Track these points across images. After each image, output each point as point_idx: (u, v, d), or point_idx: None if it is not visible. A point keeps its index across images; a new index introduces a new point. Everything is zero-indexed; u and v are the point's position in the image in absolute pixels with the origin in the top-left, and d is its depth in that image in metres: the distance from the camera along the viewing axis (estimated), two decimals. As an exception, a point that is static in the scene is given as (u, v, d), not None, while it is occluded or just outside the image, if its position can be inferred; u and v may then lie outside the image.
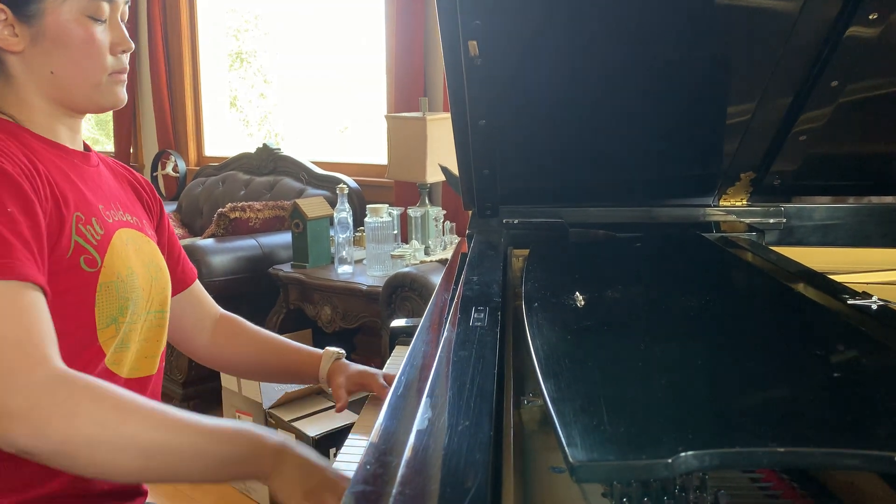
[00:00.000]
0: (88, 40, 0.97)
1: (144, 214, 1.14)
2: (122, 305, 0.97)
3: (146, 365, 1.06)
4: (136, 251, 1.03)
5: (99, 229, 0.96)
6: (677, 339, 0.67)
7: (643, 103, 1.22)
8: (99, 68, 0.99)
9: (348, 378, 1.17)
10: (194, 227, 3.81)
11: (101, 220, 0.98)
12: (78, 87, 0.98)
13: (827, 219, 1.34)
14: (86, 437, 0.75)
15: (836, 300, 0.76)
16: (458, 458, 0.47)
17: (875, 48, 1.05)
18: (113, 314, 0.96)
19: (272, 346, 1.25)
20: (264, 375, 1.32)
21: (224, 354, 1.24)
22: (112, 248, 0.97)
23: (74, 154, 1.02)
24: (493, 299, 0.85)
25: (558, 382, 0.55)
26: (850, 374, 0.57)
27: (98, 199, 1.01)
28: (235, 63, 4.51)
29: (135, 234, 1.05)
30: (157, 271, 1.07)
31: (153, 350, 1.07)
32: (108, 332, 0.96)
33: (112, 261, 0.96)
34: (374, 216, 2.61)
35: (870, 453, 0.41)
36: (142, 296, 1.01)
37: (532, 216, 1.33)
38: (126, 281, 0.98)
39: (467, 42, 1.02)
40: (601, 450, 0.43)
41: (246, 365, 1.27)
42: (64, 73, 0.97)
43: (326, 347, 1.23)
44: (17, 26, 0.94)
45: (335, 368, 1.20)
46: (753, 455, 0.43)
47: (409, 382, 0.64)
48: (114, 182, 1.10)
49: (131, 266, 1.00)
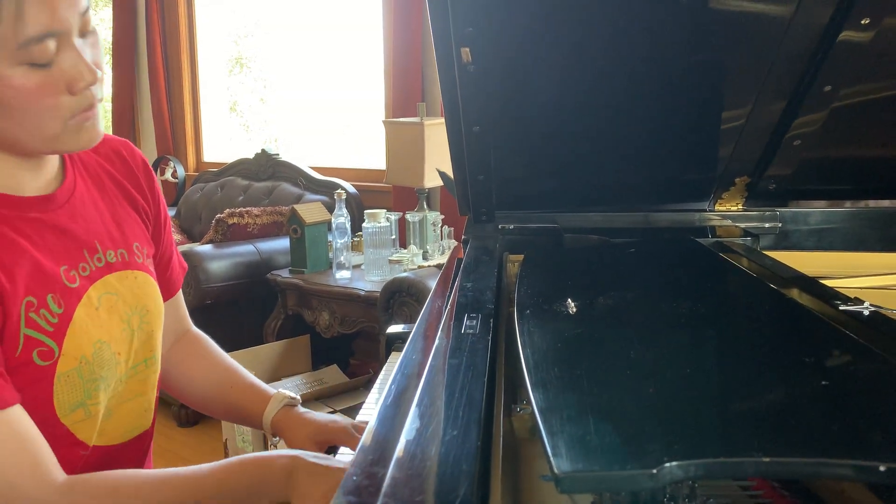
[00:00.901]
0: (32, 93, 0.76)
1: (139, 230, 1.00)
2: (88, 389, 0.87)
3: (141, 421, 0.99)
4: (112, 308, 0.91)
5: (56, 308, 0.84)
6: (668, 346, 0.67)
7: (637, 108, 1.22)
8: (53, 120, 0.79)
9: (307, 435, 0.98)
10: (193, 233, 3.82)
11: (60, 291, 0.85)
12: (30, 143, 0.81)
13: (822, 223, 1.34)
14: None
15: (828, 306, 0.76)
16: (444, 468, 0.47)
17: (867, 53, 1.05)
18: (78, 400, 0.87)
19: (223, 376, 1.09)
20: (209, 408, 1.13)
21: (172, 374, 1.10)
22: (73, 328, 0.85)
23: (32, 204, 0.85)
24: (486, 306, 0.85)
25: (547, 391, 0.55)
26: (839, 382, 0.57)
27: (61, 259, 0.86)
28: (235, 68, 4.52)
29: (115, 279, 0.93)
30: (143, 317, 0.95)
31: (146, 404, 0.99)
32: (75, 416, 0.87)
33: (73, 344, 0.85)
34: (371, 221, 2.62)
35: (855, 463, 0.41)
36: (118, 361, 0.91)
37: (528, 221, 1.33)
38: (93, 361, 0.87)
39: (460, 49, 1.02)
40: (586, 460, 0.43)
41: (191, 392, 1.11)
42: (10, 133, 0.80)
43: (278, 390, 1.06)
44: None
45: (285, 419, 1.02)
46: (738, 465, 0.42)
47: (400, 391, 0.64)
48: (97, 207, 0.94)
49: (101, 338, 0.88)
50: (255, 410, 1.04)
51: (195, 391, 1.12)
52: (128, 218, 0.98)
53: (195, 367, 1.11)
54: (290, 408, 1.03)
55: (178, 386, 1.12)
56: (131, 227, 0.98)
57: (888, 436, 0.46)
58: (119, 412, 0.94)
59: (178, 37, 4.30)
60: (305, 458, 0.81)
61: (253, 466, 0.82)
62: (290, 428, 1.01)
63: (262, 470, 0.81)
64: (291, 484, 0.80)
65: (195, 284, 2.75)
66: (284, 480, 0.80)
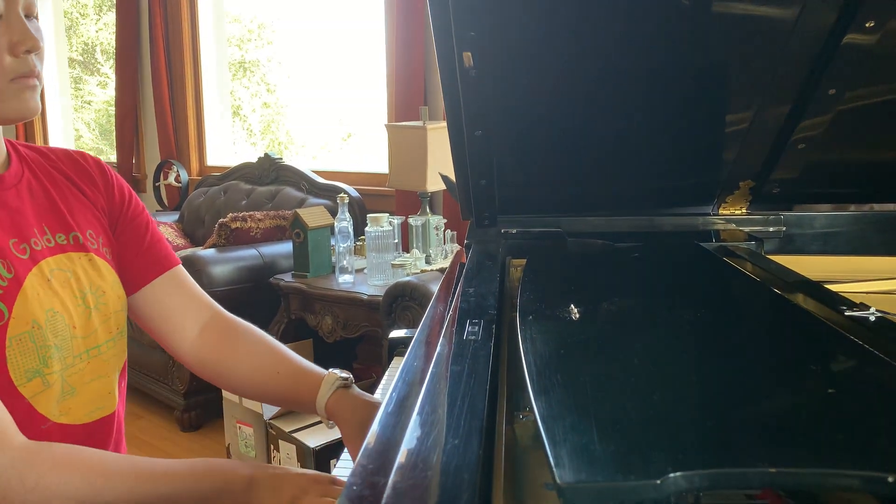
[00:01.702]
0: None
1: (94, 221, 1.02)
2: (43, 356, 0.89)
3: (105, 403, 0.99)
4: (65, 282, 0.93)
5: (6, 273, 0.87)
6: (672, 353, 0.66)
7: (641, 112, 1.22)
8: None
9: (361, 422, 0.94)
10: (196, 237, 3.82)
11: (8, 259, 0.88)
12: None
13: (827, 227, 1.33)
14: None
15: (833, 311, 0.75)
16: (446, 478, 0.46)
17: (872, 56, 1.04)
18: (34, 367, 0.88)
19: (266, 360, 1.05)
20: (258, 396, 1.11)
21: (210, 362, 1.07)
22: (24, 293, 0.87)
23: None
24: (489, 312, 0.84)
25: (549, 399, 0.54)
26: (846, 390, 0.56)
27: (10, 233, 0.90)
28: (238, 72, 4.52)
29: (68, 258, 0.95)
30: (98, 297, 0.97)
31: (109, 386, 0.99)
32: (33, 387, 0.88)
33: (24, 308, 0.87)
34: (374, 225, 2.61)
35: (862, 474, 0.41)
36: (74, 335, 0.93)
37: (531, 225, 1.32)
38: (45, 328, 0.88)
39: (461, 53, 1.02)
40: (589, 470, 0.43)
41: (233, 380, 1.08)
42: None
43: (330, 370, 1.02)
44: None
45: (339, 402, 0.98)
46: (744, 476, 0.42)
47: (401, 399, 0.63)
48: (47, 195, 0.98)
49: (54, 307, 0.90)
50: (307, 396, 1.00)
51: (237, 379, 1.08)
52: (81, 208, 1.00)
53: (233, 353, 1.07)
54: (344, 389, 0.99)
55: (219, 375, 1.08)
56: (84, 216, 1.00)
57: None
58: (83, 392, 0.95)
59: (182, 41, 4.30)
60: (266, 471, 0.85)
61: (216, 470, 0.85)
62: (345, 411, 0.97)
63: (225, 475, 0.84)
64: (253, 492, 0.83)
65: (198, 289, 2.74)
66: (244, 490, 0.84)
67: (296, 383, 1.03)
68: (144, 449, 2.83)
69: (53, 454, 0.80)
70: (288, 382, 1.04)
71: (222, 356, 1.07)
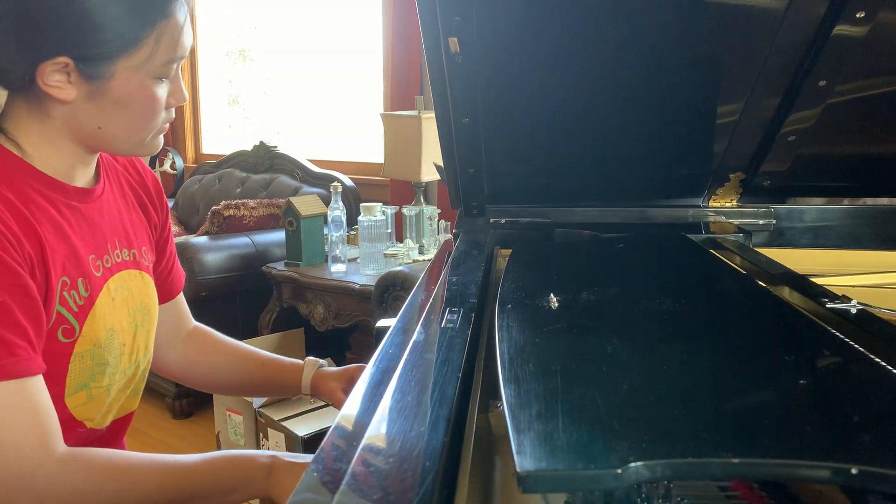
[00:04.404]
0: (150, 105, 0.89)
1: (146, 237, 1.07)
2: (94, 372, 0.93)
3: (129, 404, 1.04)
4: (124, 301, 0.98)
5: (84, 291, 0.91)
6: (647, 343, 0.66)
7: (630, 102, 1.20)
8: (150, 127, 0.91)
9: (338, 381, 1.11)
10: (191, 225, 3.80)
11: (88, 277, 0.92)
12: (122, 143, 0.92)
13: (817, 220, 1.32)
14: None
15: (815, 303, 0.75)
16: (406, 464, 0.46)
17: (863, 47, 1.03)
18: (83, 381, 0.93)
19: (248, 358, 1.18)
20: (240, 389, 1.24)
21: (197, 368, 1.18)
22: (94, 313, 0.92)
23: (75, 193, 0.93)
24: (469, 300, 0.84)
25: (518, 387, 0.53)
26: (819, 381, 0.55)
27: (91, 247, 0.94)
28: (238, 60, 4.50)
29: (128, 276, 1.00)
30: (144, 316, 1.02)
31: (134, 393, 1.05)
32: (77, 399, 0.93)
33: (92, 327, 0.91)
34: (367, 215, 2.60)
35: (827, 465, 0.40)
36: (122, 352, 0.97)
37: (519, 216, 1.31)
38: (104, 346, 0.93)
39: (448, 39, 1.01)
40: (550, 459, 0.42)
41: (221, 379, 1.20)
42: (112, 130, 0.89)
43: (307, 357, 1.17)
44: (73, 76, 0.85)
45: (319, 377, 1.14)
46: (707, 466, 0.41)
47: (372, 386, 0.62)
48: (118, 208, 1.02)
49: (113, 326, 0.95)
50: (291, 380, 1.14)
51: (222, 379, 1.20)
52: (139, 223, 1.06)
53: (216, 355, 1.18)
54: (320, 369, 1.14)
55: (206, 377, 1.19)
56: (140, 232, 1.06)
57: (863, 437, 0.44)
58: (115, 400, 1.00)
59: (178, 28, 4.27)
60: (283, 458, 0.89)
61: (238, 462, 0.89)
62: (324, 383, 1.12)
63: (246, 467, 0.88)
64: (272, 481, 0.87)
65: (190, 276, 2.73)
66: (265, 477, 0.88)
67: (278, 372, 1.17)
68: (136, 436, 2.83)
69: (88, 462, 0.84)
70: (271, 373, 1.17)
71: (208, 364, 1.18)
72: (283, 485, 0.86)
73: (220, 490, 0.87)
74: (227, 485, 0.87)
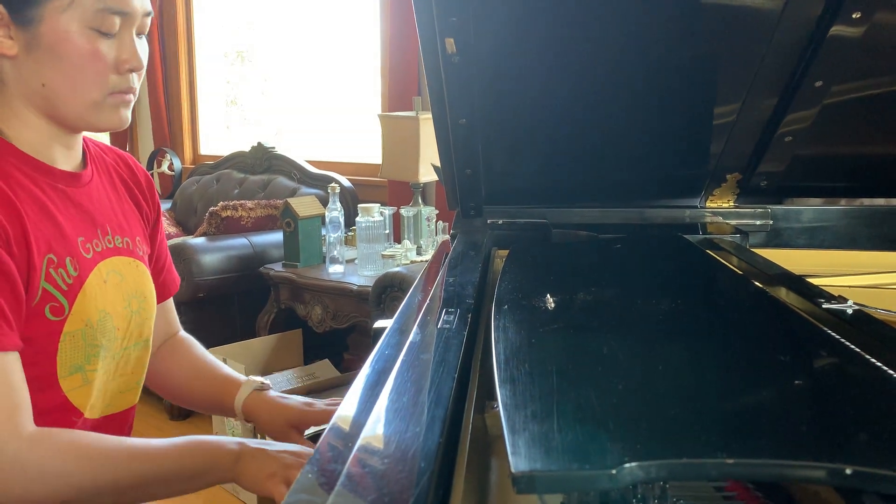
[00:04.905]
0: (88, 55, 0.87)
1: (140, 228, 1.06)
2: (89, 354, 0.93)
3: (125, 399, 1.03)
4: (117, 285, 0.97)
5: (72, 271, 0.90)
6: (643, 344, 0.66)
7: (627, 103, 1.21)
8: (97, 86, 0.89)
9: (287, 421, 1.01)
10: (188, 226, 3.80)
11: (77, 258, 0.91)
12: (70, 103, 0.90)
13: (814, 221, 1.32)
14: (64, 493, 0.81)
15: (811, 304, 0.75)
16: (402, 465, 0.46)
17: (859, 48, 1.03)
18: (77, 363, 0.92)
19: (201, 370, 1.13)
20: (190, 402, 1.18)
21: (158, 374, 1.14)
22: (84, 292, 0.91)
23: (61, 177, 0.94)
24: (466, 301, 0.83)
25: (514, 388, 0.53)
26: (815, 382, 0.55)
27: (79, 230, 0.94)
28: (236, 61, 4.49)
29: (120, 262, 0.99)
30: (140, 302, 1.01)
31: (132, 383, 1.04)
32: (72, 382, 0.92)
33: (82, 307, 0.91)
34: (365, 215, 2.60)
35: (821, 465, 0.40)
36: (116, 336, 0.97)
37: (517, 216, 1.31)
38: (96, 327, 0.93)
39: (444, 40, 1.01)
40: (545, 459, 0.42)
41: (172, 387, 1.16)
42: (55, 86, 0.89)
43: (249, 377, 1.09)
44: (12, 29, 0.87)
45: (258, 403, 1.05)
46: (701, 467, 0.41)
47: (368, 387, 0.62)
48: (108, 196, 1.02)
49: (105, 308, 0.94)
50: (229, 399, 1.08)
51: (175, 386, 1.17)
52: (132, 214, 1.06)
53: (177, 364, 1.16)
54: (262, 392, 1.07)
55: (161, 382, 1.16)
56: (133, 222, 1.05)
57: (858, 438, 0.44)
58: (108, 388, 0.99)
59: (176, 29, 4.28)
60: (250, 445, 0.89)
61: (206, 448, 0.89)
62: (266, 412, 1.04)
63: (214, 452, 0.88)
64: (239, 468, 0.88)
65: (188, 278, 2.73)
66: (232, 463, 0.88)
67: (217, 388, 1.11)
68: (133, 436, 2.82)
69: (55, 442, 0.83)
70: (216, 388, 1.11)
71: (166, 366, 1.15)
72: (250, 471, 0.87)
73: (187, 474, 0.87)
74: (195, 469, 0.88)
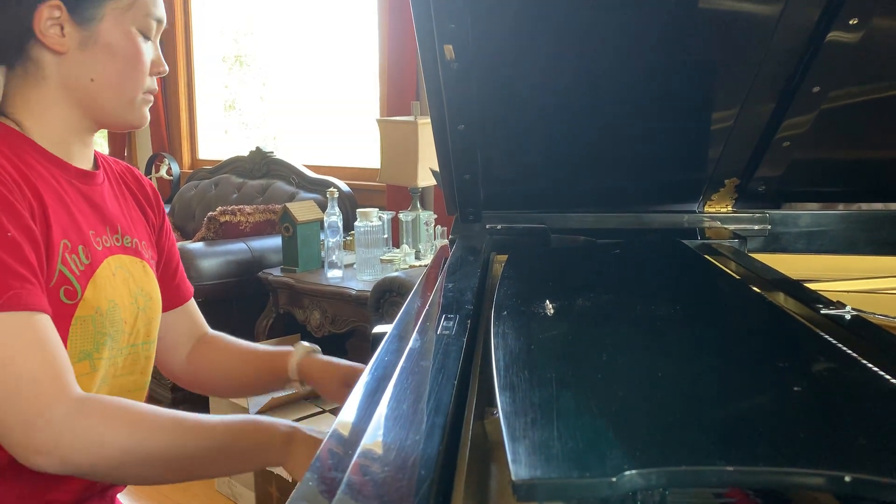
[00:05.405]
0: (136, 55, 0.95)
1: (146, 233, 1.10)
2: (98, 342, 0.94)
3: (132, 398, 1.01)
4: (125, 280, 1.00)
5: (84, 258, 0.93)
6: (643, 350, 0.66)
7: (625, 108, 1.21)
8: (138, 84, 0.96)
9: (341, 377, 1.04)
10: (187, 231, 3.80)
11: (88, 248, 0.94)
12: (112, 98, 0.95)
13: (812, 225, 1.33)
14: (111, 459, 0.81)
15: (809, 309, 0.75)
16: (402, 473, 0.46)
17: (856, 53, 1.04)
18: (87, 349, 0.93)
19: (245, 354, 1.17)
20: (240, 389, 1.23)
21: (199, 372, 1.17)
22: (95, 280, 0.94)
23: (75, 173, 0.98)
24: (465, 307, 0.83)
25: (514, 394, 0.54)
26: (814, 388, 0.55)
27: (91, 224, 0.97)
28: (234, 66, 4.50)
29: (128, 260, 1.02)
30: (146, 301, 1.03)
31: (141, 383, 1.05)
32: (80, 368, 0.92)
33: (94, 293, 0.93)
34: (363, 220, 2.60)
35: (820, 473, 0.40)
36: (123, 329, 0.98)
37: (516, 221, 1.31)
38: (105, 315, 0.94)
39: (443, 46, 1.01)
40: (546, 467, 0.42)
41: (220, 381, 1.18)
42: (105, 82, 0.94)
43: (298, 342, 1.13)
44: (67, 26, 0.90)
45: (312, 364, 1.08)
46: (701, 474, 0.41)
47: (367, 394, 0.62)
48: (117, 200, 1.06)
49: (114, 299, 0.96)
50: (282, 368, 1.10)
51: (223, 377, 1.17)
52: (138, 220, 1.09)
53: (220, 356, 1.17)
54: (314, 354, 1.10)
55: (206, 378, 1.18)
56: (140, 227, 1.08)
57: (857, 445, 0.44)
58: (113, 384, 0.99)
59: (174, 34, 4.28)
60: (302, 431, 0.88)
61: (258, 426, 0.87)
62: (319, 371, 1.08)
63: (266, 433, 0.87)
64: (288, 452, 0.86)
65: (186, 282, 2.73)
66: (283, 447, 0.86)
67: (267, 363, 1.13)
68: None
69: (104, 406, 0.83)
70: (261, 366, 1.13)
71: (208, 368, 1.17)
72: (299, 457, 0.85)
73: (235, 452, 0.86)
74: (244, 447, 0.86)
